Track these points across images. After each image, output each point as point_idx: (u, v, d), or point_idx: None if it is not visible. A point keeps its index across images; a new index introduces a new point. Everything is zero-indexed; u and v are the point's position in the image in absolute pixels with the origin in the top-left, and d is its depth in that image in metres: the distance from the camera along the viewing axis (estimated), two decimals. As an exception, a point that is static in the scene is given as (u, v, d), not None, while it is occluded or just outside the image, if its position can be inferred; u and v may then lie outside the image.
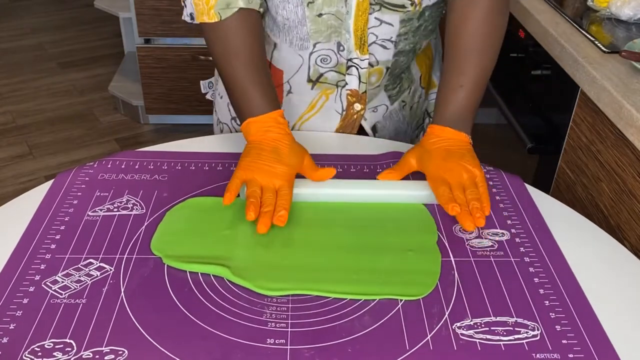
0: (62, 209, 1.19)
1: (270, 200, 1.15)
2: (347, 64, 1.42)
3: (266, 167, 1.20)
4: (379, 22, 1.35)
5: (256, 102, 1.29)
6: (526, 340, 0.93)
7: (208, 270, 1.04)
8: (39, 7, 5.56)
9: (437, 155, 1.24)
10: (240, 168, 1.20)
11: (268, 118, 1.27)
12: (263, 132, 1.26)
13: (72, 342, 0.91)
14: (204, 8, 1.30)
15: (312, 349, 0.91)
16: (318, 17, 1.35)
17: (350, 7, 1.32)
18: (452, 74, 1.32)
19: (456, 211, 1.14)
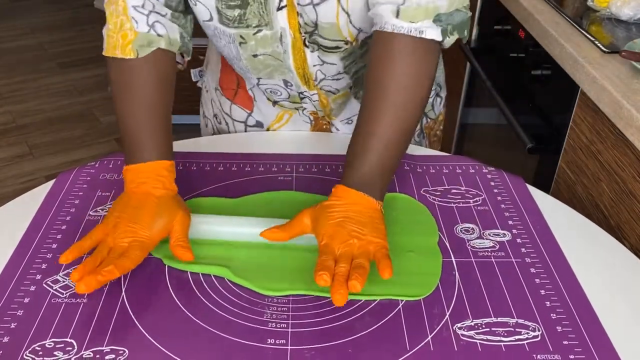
0: (63, 208, 1.19)
1: (110, 261, 1.01)
2: (300, 95, 1.40)
3: (123, 231, 1.05)
4: (321, 62, 1.30)
5: (140, 148, 1.16)
6: (527, 341, 0.93)
7: (209, 270, 1.05)
8: (39, 7, 5.56)
9: (332, 222, 1.06)
10: (100, 224, 1.08)
11: (147, 168, 1.14)
12: (136, 184, 1.12)
13: (72, 341, 0.91)
14: (118, 42, 1.19)
15: (312, 349, 0.91)
16: (254, 57, 1.30)
17: (286, 46, 1.27)
18: (364, 131, 1.14)
19: (323, 281, 0.96)
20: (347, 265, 0.99)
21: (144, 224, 1.06)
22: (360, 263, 0.99)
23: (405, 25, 1.12)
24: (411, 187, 1.26)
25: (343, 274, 0.97)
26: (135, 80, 1.19)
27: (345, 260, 1.00)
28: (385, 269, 0.97)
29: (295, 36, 1.25)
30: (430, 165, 1.33)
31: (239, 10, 1.21)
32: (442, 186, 1.27)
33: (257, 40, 1.26)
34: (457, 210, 1.21)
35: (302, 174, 1.30)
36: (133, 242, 1.04)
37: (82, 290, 0.96)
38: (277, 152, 1.36)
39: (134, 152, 1.15)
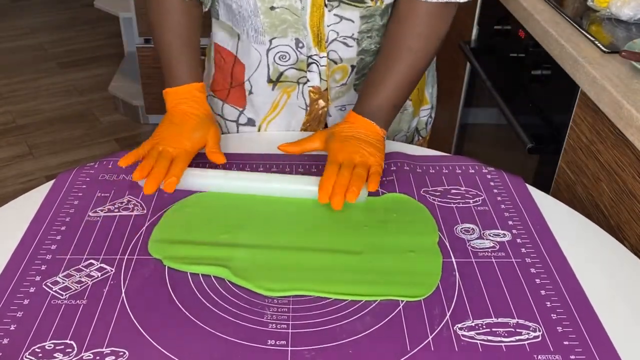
0: (62, 209, 1.19)
1: (162, 167, 1.21)
2: (308, 60, 1.41)
3: (167, 135, 1.28)
4: (338, 19, 1.34)
5: (176, 73, 1.36)
6: (527, 342, 0.92)
7: (209, 271, 1.04)
8: (39, 7, 5.56)
9: (341, 139, 1.28)
10: (150, 138, 1.29)
11: (183, 90, 1.35)
12: (175, 104, 1.34)
13: (72, 343, 0.91)
14: None
15: (312, 350, 0.91)
16: (271, 10, 1.34)
17: (305, 3, 1.31)
18: (380, 68, 1.33)
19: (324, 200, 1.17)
20: (349, 173, 1.19)
21: (185, 136, 1.28)
22: (358, 173, 1.19)
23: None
24: (411, 187, 1.26)
25: (343, 184, 1.17)
26: (171, 11, 1.37)
27: (347, 169, 1.20)
28: (373, 183, 1.18)
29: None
30: (430, 165, 1.33)
31: None
32: (442, 186, 1.27)
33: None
34: (457, 210, 1.21)
35: (302, 174, 1.30)
36: (179, 151, 1.25)
37: (149, 192, 1.19)
38: (276, 153, 1.36)
39: (173, 76, 1.37)
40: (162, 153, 1.24)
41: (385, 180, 1.28)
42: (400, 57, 1.32)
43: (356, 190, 1.15)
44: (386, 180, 1.28)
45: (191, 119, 1.32)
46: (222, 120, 1.55)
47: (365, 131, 1.29)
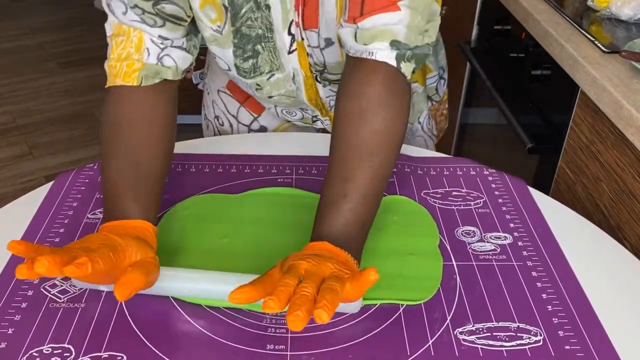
0: (61, 211, 1.18)
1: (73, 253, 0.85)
2: (313, 118, 1.44)
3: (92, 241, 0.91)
4: (333, 93, 1.35)
5: (120, 205, 1.02)
6: (529, 346, 0.92)
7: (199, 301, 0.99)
8: (39, 7, 5.56)
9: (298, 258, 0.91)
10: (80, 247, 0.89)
11: (128, 224, 1.00)
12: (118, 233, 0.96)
13: (70, 347, 0.91)
14: (121, 71, 1.12)
15: (312, 354, 0.90)
16: (269, 98, 1.36)
17: (299, 84, 1.31)
18: (334, 182, 1.02)
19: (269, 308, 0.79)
20: (314, 288, 0.83)
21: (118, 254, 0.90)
22: (331, 286, 0.83)
23: (360, 48, 1.06)
24: (412, 189, 1.26)
25: (306, 295, 0.81)
26: (133, 118, 1.10)
27: (312, 281, 0.84)
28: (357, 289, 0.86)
29: (306, 74, 1.28)
30: (430, 167, 1.33)
31: (251, 60, 1.26)
32: (443, 188, 1.27)
33: (271, 84, 1.31)
34: (458, 212, 1.20)
35: (302, 175, 1.30)
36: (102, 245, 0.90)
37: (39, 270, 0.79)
38: (276, 154, 1.36)
39: (112, 209, 1.03)
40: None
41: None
42: (355, 166, 1.02)
43: (330, 308, 0.80)
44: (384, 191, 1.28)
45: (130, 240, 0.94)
46: (235, 123, 1.56)
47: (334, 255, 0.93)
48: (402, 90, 1.07)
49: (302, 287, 0.82)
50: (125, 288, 0.85)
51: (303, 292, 0.81)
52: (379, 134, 1.03)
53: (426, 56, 1.09)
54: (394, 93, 1.06)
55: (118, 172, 1.05)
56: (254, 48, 1.24)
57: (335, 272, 0.88)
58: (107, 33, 1.18)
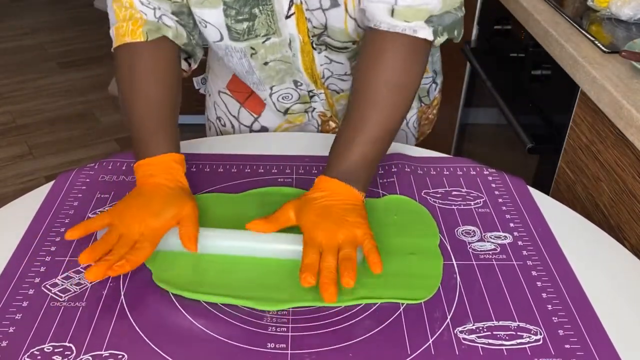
0: (62, 210, 1.19)
1: (120, 250, 1.02)
2: (309, 94, 1.43)
3: (132, 215, 1.07)
4: (329, 60, 1.35)
5: (149, 147, 1.17)
6: (529, 345, 0.92)
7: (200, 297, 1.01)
8: (39, 7, 5.56)
9: (315, 211, 1.08)
10: (109, 211, 1.09)
11: (156, 161, 1.16)
12: (147, 177, 1.14)
13: (71, 345, 0.91)
14: (128, 29, 1.23)
15: (312, 353, 0.90)
16: (264, 65, 1.35)
17: (295, 50, 1.31)
18: (349, 126, 1.16)
19: (308, 282, 0.97)
20: (334, 258, 1.01)
21: (153, 212, 1.07)
22: (347, 254, 1.01)
23: (400, 24, 1.15)
24: (412, 189, 1.26)
25: (330, 269, 0.99)
26: (142, 69, 1.22)
27: (332, 253, 1.01)
28: (376, 264, 1.00)
29: (304, 40, 1.28)
30: (431, 167, 1.33)
31: (247, 23, 1.26)
32: (443, 188, 1.27)
33: (266, 47, 1.30)
34: (458, 212, 1.20)
35: (303, 175, 1.30)
36: (143, 233, 1.04)
37: (90, 279, 0.99)
38: (277, 154, 1.36)
39: (144, 147, 1.17)
40: (123, 237, 1.04)
41: (386, 182, 1.27)
42: (371, 110, 1.15)
43: (352, 274, 0.97)
44: (387, 181, 1.28)
45: (161, 191, 1.11)
46: (237, 123, 1.56)
47: (342, 197, 1.10)
48: (423, 51, 1.20)
49: (326, 262, 1.00)
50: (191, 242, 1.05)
51: (328, 267, 0.99)
52: (392, 85, 1.16)
53: (455, 24, 1.22)
54: (414, 54, 1.18)
55: (140, 117, 1.20)
56: (251, 11, 1.24)
57: (349, 238, 1.04)
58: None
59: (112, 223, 1.06)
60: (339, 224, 1.05)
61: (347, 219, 1.06)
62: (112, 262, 0.99)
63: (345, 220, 1.06)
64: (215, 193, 1.24)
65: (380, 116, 1.15)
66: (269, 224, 1.08)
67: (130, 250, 1.02)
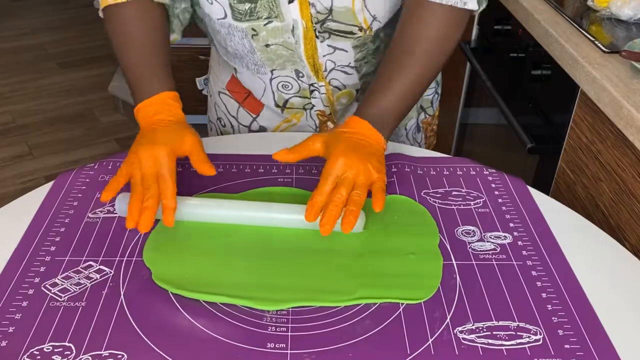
0: (62, 210, 1.19)
1: (152, 192, 1.08)
2: (310, 88, 1.43)
3: (143, 153, 1.13)
4: (332, 49, 1.35)
5: (144, 89, 1.25)
6: (528, 345, 0.92)
7: (200, 297, 1.01)
8: (39, 7, 5.56)
9: (345, 142, 1.15)
10: (124, 161, 1.15)
11: (153, 101, 1.23)
12: (150, 117, 1.22)
13: (71, 345, 0.91)
14: None
15: (312, 353, 0.90)
16: (266, 47, 1.35)
17: (298, 37, 1.32)
18: (386, 74, 1.23)
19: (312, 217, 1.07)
20: (346, 193, 1.08)
21: (160, 141, 1.14)
22: (358, 198, 1.08)
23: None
24: (412, 189, 1.26)
25: (338, 203, 1.06)
26: (130, 26, 1.28)
27: (347, 188, 1.08)
28: (379, 202, 1.09)
29: (307, 26, 1.29)
30: (430, 167, 1.33)
31: (249, 4, 1.27)
32: (443, 188, 1.27)
33: (268, 30, 1.31)
34: (457, 212, 1.20)
35: (302, 175, 1.30)
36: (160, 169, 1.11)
37: (143, 230, 1.05)
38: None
39: (140, 92, 1.24)
40: (144, 182, 1.10)
41: (386, 182, 1.27)
42: (409, 62, 1.22)
43: (353, 220, 1.06)
44: (387, 182, 1.27)
45: (162, 124, 1.19)
46: (236, 123, 1.56)
47: (369, 140, 1.17)
48: (465, 20, 1.27)
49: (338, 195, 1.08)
50: None
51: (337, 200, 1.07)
52: (430, 40, 1.23)
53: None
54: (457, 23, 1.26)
55: (134, 64, 1.26)
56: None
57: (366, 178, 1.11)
58: None
59: (129, 172, 1.13)
60: (363, 163, 1.11)
61: (370, 161, 1.12)
62: (153, 206, 1.07)
63: (368, 161, 1.12)
64: (215, 193, 1.24)
65: (415, 70, 1.22)
66: (293, 154, 1.17)
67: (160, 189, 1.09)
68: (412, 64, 1.22)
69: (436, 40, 1.23)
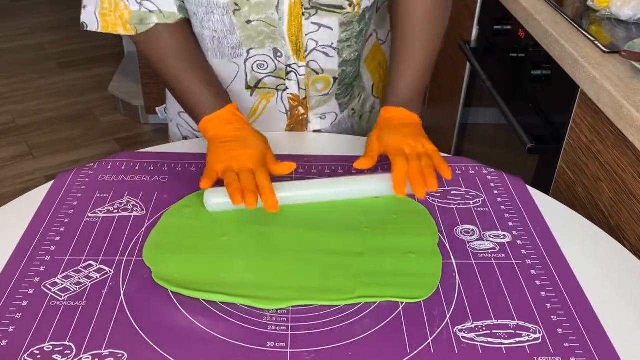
0: (62, 210, 1.19)
1: (250, 181, 1.15)
2: (287, 69, 1.39)
3: (235, 153, 1.20)
4: (317, 27, 1.33)
5: (208, 100, 1.30)
6: (528, 344, 0.92)
7: (200, 296, 1.01)
8: (39, 7, 5.56)
9: (395, 132, 1.25)
10: (210, 163, 1.21)
11: (225, 113, 1.28)
12: (222, 127, 1.27)
13: (71, 344, 0.91)
14: (118, 22, 1.30)
15: (312, 352, 0.90)
16: (247, 24, 1.31)
17: (282, 14, 1.29)
18: (401, 56, 1.34)
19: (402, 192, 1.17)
20: (419, 164, 1.18)
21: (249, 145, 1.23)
22: (427, 162, 1.19)
23: None
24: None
25: (420, 170, 1.17)
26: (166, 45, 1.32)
27: (417, 160, 1.19)
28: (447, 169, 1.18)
29: (295, 1, 1.28)
30: (430, 166, 1.33)
31: None
32: (442, 187, 1.27)
33: (250, 5, 1.28)
34: (457, 211, 1.20)
35: (302, 175, 1.30)
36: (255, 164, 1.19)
37: (252, 206, 1.12)
38: (276, 154, 1.35)
39: (203, 106, 1.29)
40: (240, 171, 1.18)
41: None
42: (417, 45, 1.33)
43: (435, 180, 1.15)
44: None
45: (247, 134, 1.27)
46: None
47: (409, 121, 1.29)
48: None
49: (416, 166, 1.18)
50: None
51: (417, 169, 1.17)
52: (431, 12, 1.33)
53: None
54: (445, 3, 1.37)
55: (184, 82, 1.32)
56: None
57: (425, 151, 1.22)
58: None
59: (221, 169, 1.19)
60: (416, 140, 1.23)
61: (419, 138, 1.24)
62: (254, 192, 1.13)
63: (420, 138, 1.24)
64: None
65: (424, 45, 1.33)
66: (368, 159, 1.24)
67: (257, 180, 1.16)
68: (420, 45, 1.34)
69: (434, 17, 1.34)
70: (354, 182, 1.23)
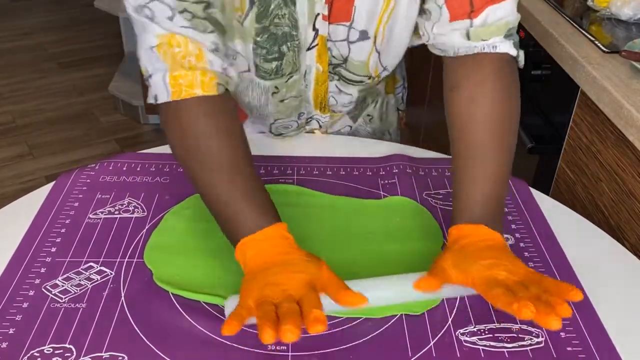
0: (62, 211, 1.18)
1: (292, 310, 0.85)
2: (307, 120, 1.40)
3: (278, 280, 0.91)
4: (338, 91, 1.33)
5: (246, 219, 0.99)
6: (530, 347, 0.92)
7: (201, 298, 1.00)
8: (39, 7, 5.56)
9: (478, 257, 0.94)
10: (242, 297, 0.91)
11: (267, 235, 0.98)
12: (267, 251, 0.96)
13: (71, 347, 0.91)
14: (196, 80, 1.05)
15: (313, 355, 0.90)
16: (281, 102, 1.31)
17: (309, 81, 1.27)
18: (468, 167, 1.07)
19: (530, 312, 0.83)
20: (528, 290, 0.87)
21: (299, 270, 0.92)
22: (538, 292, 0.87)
23: (478, 44, 1.12)
24: (413, 190, 1.26)
25: (533, 298, 0.85)
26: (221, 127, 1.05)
27: (522, 287, 0.88)
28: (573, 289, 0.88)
29: (324, 69, 1.25)
30: (432, 168, 1.33)
31: (276, 62, 1.20)
32: (445, 189, 1.26)
33: (287, 86, 1.26)
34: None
35: (304, 176, 1.30)
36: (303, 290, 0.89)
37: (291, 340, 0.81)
38: (277, 155, 1.36)
39: (243, 224, 0.99)
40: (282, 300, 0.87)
41: (387, 183, 1.27)
42: (482, 146, 1.07)
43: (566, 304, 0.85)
44: (388, 183, 1.28)
45: (296, 257, 0.95)
46: None
47: (491, 242, 0.98)
48: (510, 69, 1.13)
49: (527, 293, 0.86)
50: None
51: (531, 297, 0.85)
52: (500, 116, 1.09)
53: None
54: (503, 74, 1.11)
55: (222, 192, 1.02)
56: (280, 49, 1.18)
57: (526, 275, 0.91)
58: (150, 43, 1.05)
59: (257, 298, 0.89)
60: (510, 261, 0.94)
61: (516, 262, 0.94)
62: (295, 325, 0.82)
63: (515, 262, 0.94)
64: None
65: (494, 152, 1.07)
66: (434, 280, 0.93)
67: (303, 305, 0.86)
68: (490, 153, 1.07)
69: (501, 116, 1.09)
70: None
